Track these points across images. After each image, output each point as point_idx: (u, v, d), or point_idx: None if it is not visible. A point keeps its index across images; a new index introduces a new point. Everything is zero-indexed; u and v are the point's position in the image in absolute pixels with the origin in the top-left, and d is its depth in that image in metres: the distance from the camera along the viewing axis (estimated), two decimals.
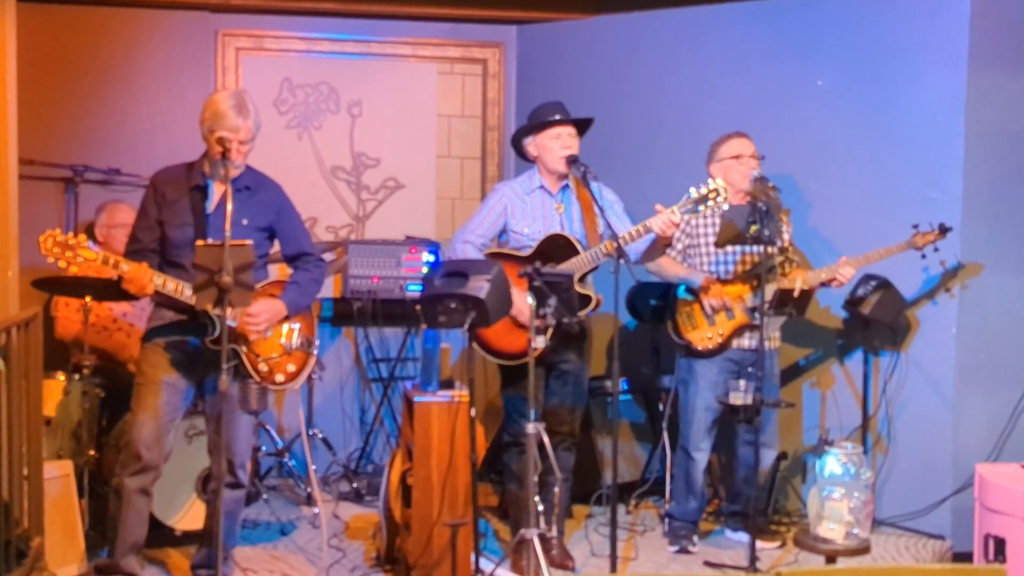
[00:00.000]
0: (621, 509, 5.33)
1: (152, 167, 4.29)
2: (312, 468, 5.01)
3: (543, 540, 4.18)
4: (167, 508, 4.60)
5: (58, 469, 4.31)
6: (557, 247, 4.51)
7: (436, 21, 6.17)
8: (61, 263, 3.86)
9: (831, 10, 5.32)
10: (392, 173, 6.22)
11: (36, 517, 3.97)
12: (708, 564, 4.71)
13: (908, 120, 5.11)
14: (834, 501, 4.04)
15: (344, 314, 6.05)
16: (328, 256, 5.56)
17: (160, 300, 4.05)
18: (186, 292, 3.93)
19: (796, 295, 4.64)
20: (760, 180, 4.53)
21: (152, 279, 3.90)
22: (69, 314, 5.09)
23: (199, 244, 3.76)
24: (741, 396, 4.54)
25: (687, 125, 5.58)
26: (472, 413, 4.05)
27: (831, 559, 4.02)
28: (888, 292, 4.96)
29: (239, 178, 4.09)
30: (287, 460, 5.68)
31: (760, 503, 4.90)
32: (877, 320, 5.00)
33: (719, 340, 4.76)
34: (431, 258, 5.80)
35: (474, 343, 4.49)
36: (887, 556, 4.82)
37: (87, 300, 4.53)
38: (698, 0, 5.66)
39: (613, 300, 4.16)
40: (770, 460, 4.99)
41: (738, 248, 4.77)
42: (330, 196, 6.15)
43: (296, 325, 4.23)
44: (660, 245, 4.49)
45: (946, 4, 4.98)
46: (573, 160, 4.53)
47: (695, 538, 4.91)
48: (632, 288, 5.32)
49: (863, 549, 4.05)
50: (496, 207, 4.67)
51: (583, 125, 4.66)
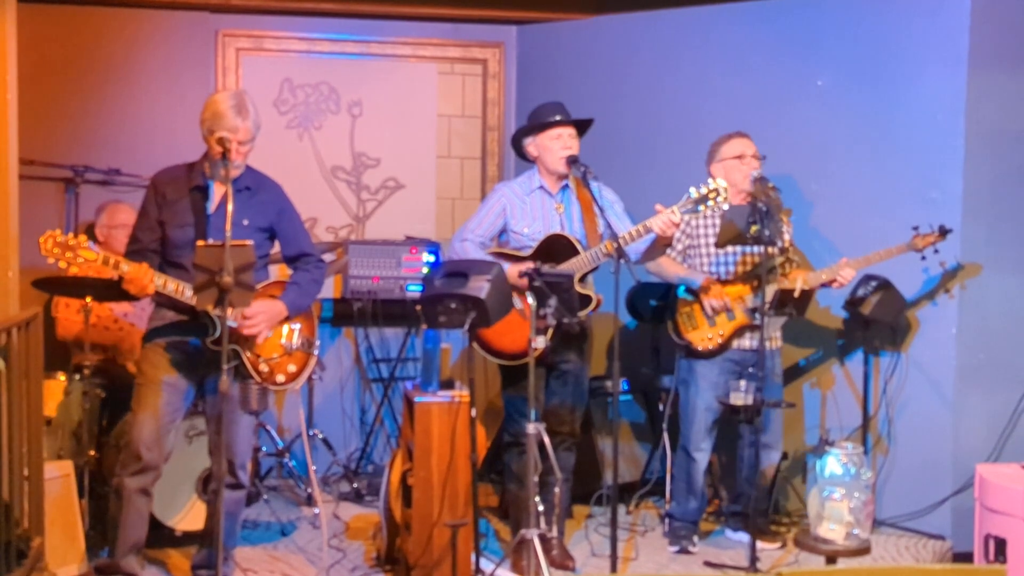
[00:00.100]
0: (621, 509, 5.32)
1: (152, 167, 4.30)
2: (312, 468, 5.01)
3: (543, 540, 4.18)
4: (167, 508, 4.60)
5: (58, 469, 4.31)
6: (557, 247, 4.51)
7: (436, 21, 6.16)
8: (61, 264, 3.85)
9: (831, 10, 5.32)
10: (392, 173, 6.22)
11: (36, 517, 3.97)
12: (708, 564, 4.71)
13: (908, 120, 5.11)
14: (834, 501, 4.04)
15: (344, 314, 6.05)
16: (328, 256, 5.56)
17: (161, 300, 4.05)
18: (187, 292, 3.92)
19: (796, 295, 4.64)
20: (760, 180, 4.53)
21: (153, 279, 3.90)
22: (70, 315, 5.09)
23: (199, 244, 3.76)
24: (742, 396, 4.54)
25: (687, 125, 5.58)
26: (472, 413, 4.05)
27: (831, 559, 4.03)
28: (888, 292, 4.96)
29: (239, 178, 4.08)
30: (287, 460, 5.67)
31: (761, 503, 4.90)
32: (877, 320, 5.00)
33: (719, 340, 4.76)
34: (431, 258, 5.79)
35: (474, 343, 4.49)
36: (887, 556, 4.82)
37: (87, 300, 4.52)
38: (698, 0, 5.65)
39: (613, 300, 4.16)
40: (774, 461, 4.99)
41: (738, 248, 4.77)
42: (330, 196, 6.15)
43: (297, 326, 4.23)
44: (660, 245, 4.49)
45: (946, 4, 4.98)
46: (573, 160, 4.53)
47: (695, 538, 4.91)
48: (632, 288, 5.32)
49: (863, 549, 4.05)
50: (495, 207, 4.67)
51: (583, 126, 4.65)
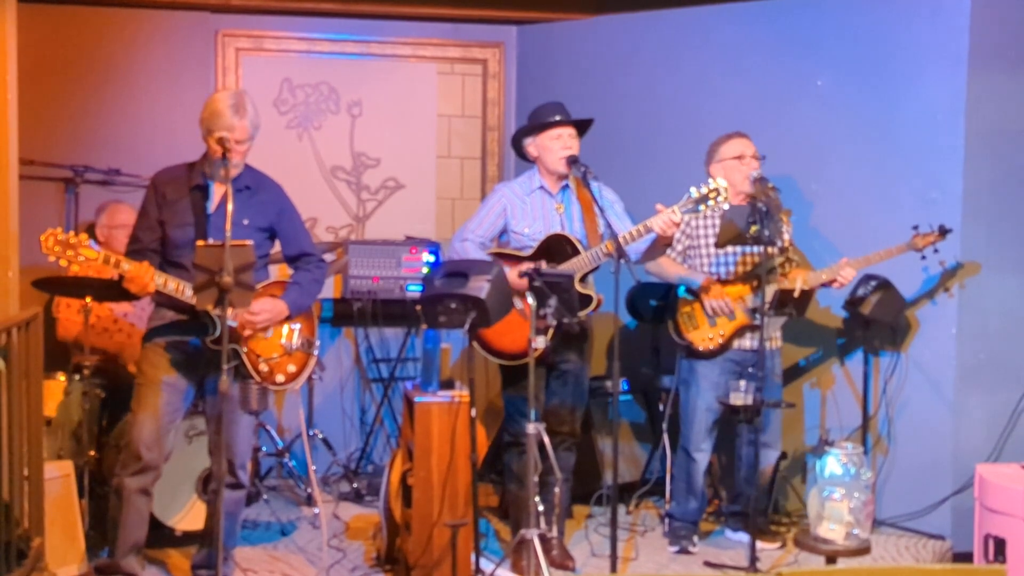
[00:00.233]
0: (621, 509, 5.32)
1: (152, 167, 4.30)
2: (312, 468, 5.01)
3: (543, 540, 4.18)
4: (167, 508, 4.60)
5: (58, 469, 4.31)
6: (558, 247, 4.51)
7: (436, 21, 6.16)
8: (62, 262, 3.85)
9: (831, 10, 5.32)
10: (392, 173, 6.21)
11: (36, 517, 3.97)
12: (708, 564, 4.71)
13: (908, 120, 5.11)
14: (834, 501, 4.04)
15: (344, 314, 6.05)
16: (328, 256, 5.56)
17: (161, 300, 4.05)
18: (187, 292, 3.92)
19: (796, 296, 4.64)
20: (760, 180, 4.53)
21: (153, 278, 3.90)
22: (70, 315, 5.08)
23: (199, 244, 3.76)
24: (742, 396, 4.54)
25: (687, 125, 5.58)
26: (472, 413, 4.05)
27: (831, 559, 4.03)
28: (888, 292, 4.96)
29: (239, 178, 4.08)
30: (287, 460, 5.67)
31: (761, 503, 4.90)
32: (877, 320, 5.00)
33: (720, 341, 4.76)
34: (431, 258, 5.79)
35: (474, 343, 4.49)
36: (887, 556, 4.82)
37: (88, 301, 4.52)
38: (698, 0, 5.65)
39: (613, 300, 4.16)
40: (772, 460, 4.99)
41: (738, 249, 4.77)
42: (330, 196, 6.14)
43: (297, 326, 4.23)
44: (660, 245, 4.49)
45: (946, 4, 4.98)
46: (573, 160, 4.53)
47: (695, 538, 4.91)
48: (632, 288, 5.31)
49: (863, 549, 4.05)
50: (495, 207, 4.67)
51: (583, 126, 4.65)
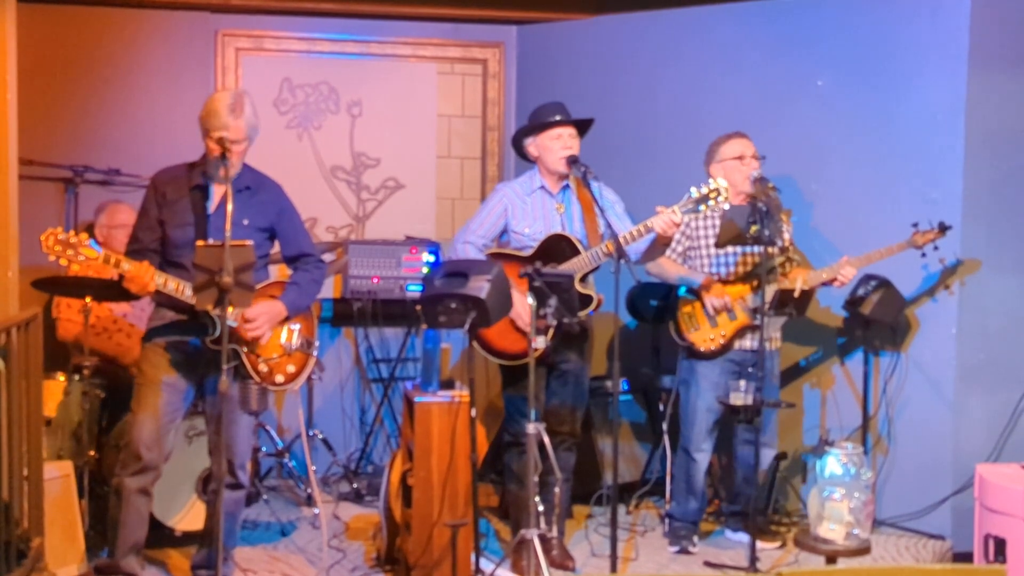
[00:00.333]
0: (621, 509, 5.32)
1: (152, 167, 4.29)
2: (312, 469, 5.01)
3: (543, 540, 4.18)
4: (167, 508, 4.60)
5: (58, 469, 4.31)
6: (558, 247, 4.51)
7: (436, 21, 6.16)
8: (63, 261, 3.85)
9: (831, 10, 5.32)
10: (392, 173, 6.21)
11: (36, 517, 3.97)
12: (708, 564, 4.71)
13: (908, 120, 5.11)
14: (834, 501, 4.04)
15: (344, 314, 6.05)
16: (328, 256, 5.55)
17: (160, 300, 4.05)
18: (187, 292, 3.92)
19: (796, 295, 4.64)
20: (760, 180, 4.53)
21: (154, 277, 3.90)
22: (71, 315, 5.08)
23: (199, 244, 3.76)
24: (741, 396, 4.54)
25: (687, 125, 5.58)
26: (472, 413, 4.05)
27: (831, 559, 4.02)
28: (888, 292, 4.96)
29: (240, 178, 4.08)
30: (287, 461, 5.67)
31: (760, 503, 4.90)
32: (877, 320, 4.99)
33: (721, 341, 4.76)
34: (431, 258, 5.79)
35: (475, 343, 4.49)
36: (887, 556, 4.82)
37: (87, 301, 4.52)
38: (698, 0, 5.66)
39: (613, 300, 4.16)
40: (769, 458, 4.99)
41: (739, 249, 4.77)
42: (330, 196, 6.14)
43: (296, 326, 4.23)
44: (660, 245, 4.48)
45: (946, 4, 4.98)
46: (573, 160, 4.53)
47: (695, 538, 4.91)
48: (633, 288, 5.31)
49: (863, 549, 4.05)
50: (496, 208, 4.67)
51: (584, 126, 4.65)
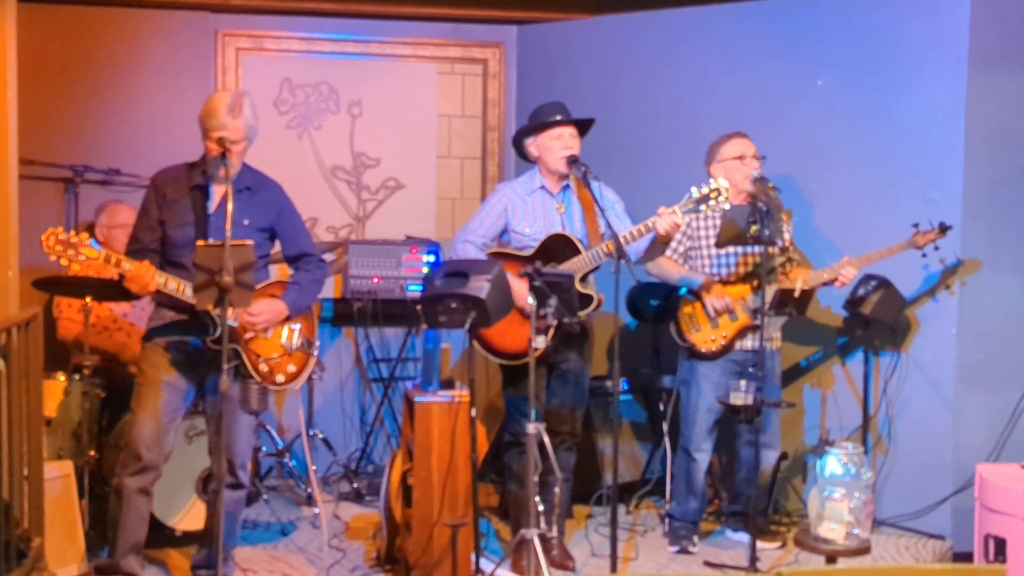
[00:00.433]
0: (621, 509, 5.32)
1: (152, 167, 4.29)
2: (312, 468, 5.01)
3: (543, 540, 4.18)
4: (167, 508, 4.60)
5: (58, 469, 4.31)
6: (559, 247, 4.51)
7: (436, 21, 6.16)
8: (63, 261, 3.85)
9: (831, 10, 5.32)
10: (392, 173, 6.21)
11: (36, 517, 3.97)
12: (708, 564, 4.70)
13: (908, 120, 5.11)
14: (834, 501, 4.04)
15: (344, 314, 6.05)
16: (328, 256, 5.56)
17: (161, 300, 4.05)
18: (187, 292, 3.92)
19: (797, 295, 4.64)
20: (760, 180, 4.53)
21: (154, 277, 3.89)
22: (71, 315, 5.08)
23: (200, 244, 3.75)
24: (742, 396, 4.54)
25: (687, 125, 5.58)
26: (472, 413, 4.05)
27: (831, 559, 4.03)
28: (888, 292, 4.96)
29: (240, 178, 4.07)
30: (287, 460, 5.67)
31: (761, 503, 4.90)
32: (877, 320, 4.99)
33: (722, 342, 4.76)
34: (431, 258, 5.79)
35: (475, 342, 4.49)
36: (887, 556, 4.82)
37: (87, 300, 4.52)
38: (698, 0, 5.66)
39: (614, 300, 4.16)
40: (772, 460, 4.99)
41: (739, 249, 4.77)
42: (330, 196, 6.14)
43: (297, 326, 4.23)
44: (659, 244, 4.48)
45: (946, 4, 4.98)
46: (574, 160, 4.53)
47: (695, 538, 4.91)
48: (633, 288, 5.31)
49: (863, 549, 4.05)
50: (496, 207, 4.67)
51: (584, 125, 4.65)
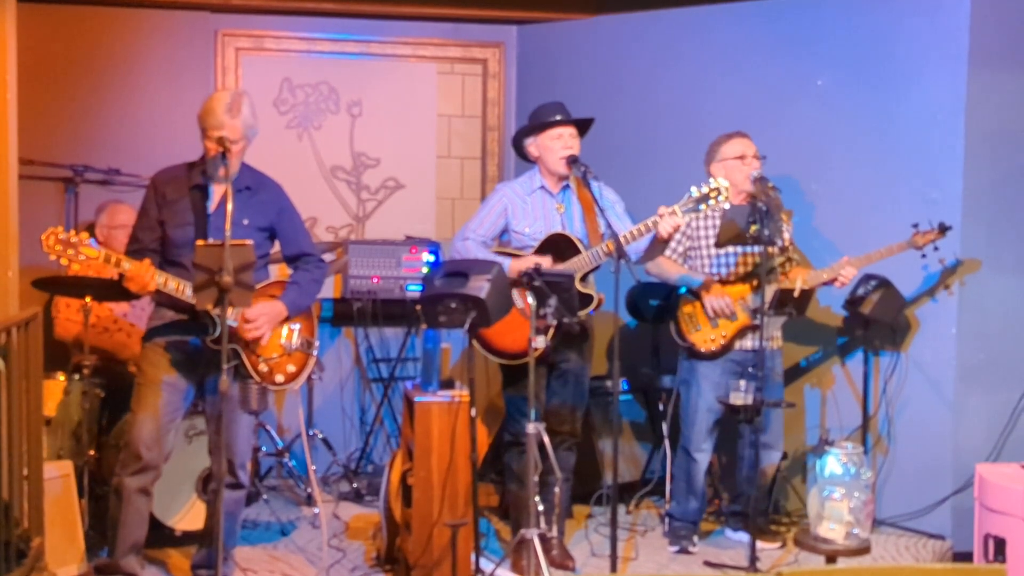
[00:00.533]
0: (621, 509, 5.32)
1: (152, 167, 4.29)
2: (312, 468, 5.01)
3: (543, 540, 4.19)
4: (167, 508, 4.60)
5: (58, 469, 4.31)
6: (559, 246, 4.51)
7: (436, 21, 6.16)
8: (63, 261, 3.85)
9: (831, 10, 5.32)
10: (392, 173, 6.21)
11: (36, 517, 3.97)
12: (708, 564, 4.70)
13: (908, 120, 5.11)
14: (834, 501, 4.04)
15: (344, 314, 6.05)
16: (328, 256, 5.56)
17: (160, 300, 4.05)
18: (187, 291, 3.92)
19: (796, 295, 4.64)
20: (760, 180, 4.53)
21: (154, 277, 3.89)
22: (70, 315, 5.08)
23: (199, 244, 3.75)
24: (741, 396, 4.54)
25: (687, 125, 5.58)
26: (472, 413, 4.05)
27: (831, 559, 4.03)
28: (888, 292, 4.96)
29: (239, 178, 4.07)
30: (287, 460, 5.67)
31: (761, 503, 4.90)
32: (877, 320, 4.99)
33: (722, 342, 4.76)
34: (431, 258, 5.79)
35: (475, 342, 4.49)
36: (887, 556, 4.82)
37: (87, 300, 4.52)
38: (698, 0, 5.66)
39: (614, 300, 4.16)
40: (775, 461, 4.98)
41: (739, 248, 4.77)
42: (330, 196, 6.14)
43: (296, 326, 4.22)
44: (659, 244, 4.48)
45: (946, 4, 4.98)
46: (574, 160, 4.53)
47: (695, 538, 4.91)
48: (633, 288, 5.32)
49: (863, 549, 4.05)
50: (496, 207, 4.67)
51: (584, 125, 4.65)
